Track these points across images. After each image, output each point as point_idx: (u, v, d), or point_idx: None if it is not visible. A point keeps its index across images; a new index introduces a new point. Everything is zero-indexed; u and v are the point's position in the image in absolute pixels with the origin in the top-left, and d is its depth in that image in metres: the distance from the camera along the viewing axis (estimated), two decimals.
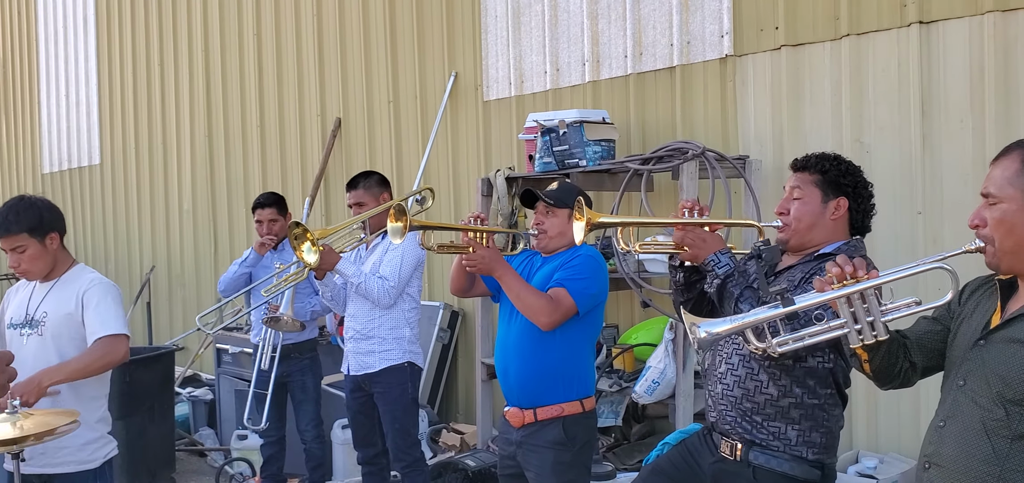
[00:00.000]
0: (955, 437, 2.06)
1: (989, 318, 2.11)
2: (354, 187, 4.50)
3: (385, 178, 4.61)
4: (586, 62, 5.85)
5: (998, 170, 2.05)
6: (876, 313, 2.03)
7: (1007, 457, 1.97)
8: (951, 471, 2.05)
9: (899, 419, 4.65)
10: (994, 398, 1.99)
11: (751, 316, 2.13)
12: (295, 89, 8.02)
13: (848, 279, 2.02)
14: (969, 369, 2.08)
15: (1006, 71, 4.22)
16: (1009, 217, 2.00)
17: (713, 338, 2.14)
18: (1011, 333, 2.01)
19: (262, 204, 5.34)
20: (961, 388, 2.08)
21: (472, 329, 6.67)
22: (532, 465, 3.43)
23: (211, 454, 6.60)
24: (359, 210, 4.41)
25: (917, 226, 4.54)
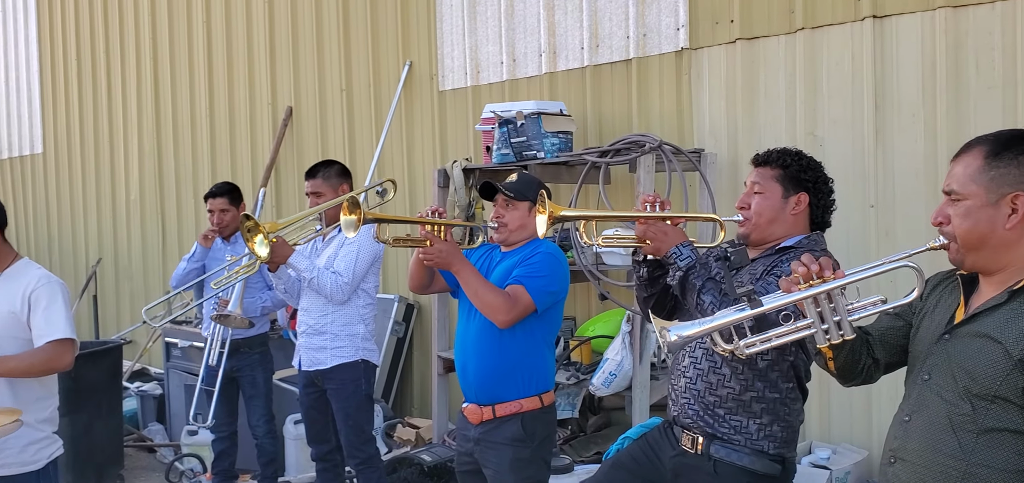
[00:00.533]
0: (921, 431, 2.06)
1: (952, 313, 2.11)
2: (313, 176, 4.41)
3: (346, 168, 4.51)
4: (543, 53, 5.82)
5: (960, 167, 2.04)
6: (843, 312, 2.02)
7: (973, 451, 1.97)
8: (917, 465, 2.05)
9: (851, 411, 4.71)
10: (960, 392, 1.99)
11: (719, 319, 2.11)
12: (245, 77, 7.87)
13: (814, 279, 2.00)
14: (934, 363, 2.08)
15: (957, 66, 4.29)
16: (973, 214, 1.99)
17: (683, 341, 2.14)
18: (977, 328, 2.01)
19: (214, 194, 5.22)
20: (926, 382, 2.08)
21: (428, 323, 6.61)
22: (490, 462, 3.39)
23: (160, 450, 6.46)
24: (316, 200, 4.32)
25: (869, 219, 4.59)
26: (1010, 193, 1.96)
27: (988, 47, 4.20)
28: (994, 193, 1.97)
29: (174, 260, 8.67)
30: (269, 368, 5.25)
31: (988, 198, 1.98)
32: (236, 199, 5.28)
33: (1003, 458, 1.94)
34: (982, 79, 4.22)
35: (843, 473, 4.45)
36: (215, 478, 5.25)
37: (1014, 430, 1.93)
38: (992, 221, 1.98)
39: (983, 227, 1.98)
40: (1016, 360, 1.91)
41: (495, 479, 3.38)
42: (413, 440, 5.92)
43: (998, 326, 1.96)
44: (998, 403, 1.94)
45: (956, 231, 2.02)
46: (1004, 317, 1.97)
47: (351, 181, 4.46)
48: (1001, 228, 1.97)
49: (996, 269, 2.02)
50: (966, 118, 4.27)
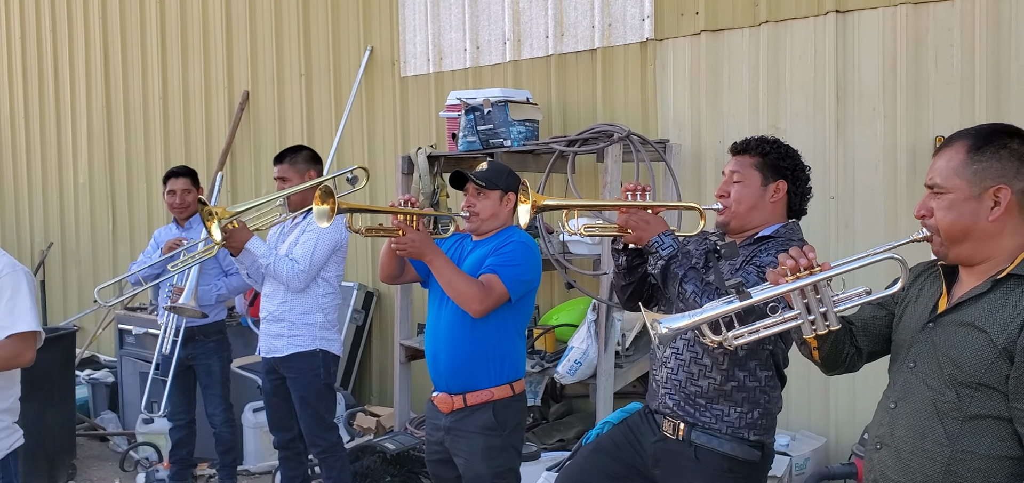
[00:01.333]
0: (907, 418, 2.09)
1: (935, 302, 2.14)
2: (280, 161, 4.35)
3: (316, 155, 4.44)
4: (507, 41, 5.80)
5: (942, 161, 2.06)
6: (829, 304, 2.03)
7: (958, 438, 2.00)
8: (903, 451, 2.09)
9: (809, 398, 4.80)
10: (945, 380, 2.02)
11: (708, 311, 2.12)
12: (200, 59, 7.72)
13: (802, 271, 2.03)
14: (919, 352, 2.11)
15: (916, 61, 4.38)
16: (956, 207, 2.02)
17: (673, 333, 2.14)
18: (961, 317, 2.04)
19: (177, 173, 5.11)
20: (912, 370, 2.11)
21: (387, 311, 6.58)
22: (462, 451, 3.38)
23: (114, 439, 6.33)
24: (283, 186, 4.27)
25: (830, 210, 4.68)
26: (992, 186, 1.99)
27: (947, 43, 4.29)
28: (977, 186, 2.00)
29: (125, 244, 8.52)
30: (225, 356, 5.14)
31: (971, 191, 2.01)
32: (196, 182, 5.19)
33: (987, 444, 1.98)
34: (941, 74, 4.32)
35: (802, 459, 4.53)
36: (173, 467, 5.16)
37: (997, 416, 1.97)
38: (975, 214, 2.01)
39: (966, 220, 2.02)
40: (1000, 348, 1.94)
41: (466, 468, 3.38)
42: (374, 428, 5.88)
43: (982, 315, 2.00)
44: (982, 390, 1.97)
45: (939, 224, 2.04)
46: (988, 306, 2.00)
47: (320, 167, 4.40)
48: (984, 220, 2.01)
49: (979, 260, 2.05)
50: (925, 112, 4.37)
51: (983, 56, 4.20)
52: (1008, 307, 1.97)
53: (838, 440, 4.74)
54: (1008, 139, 2.02)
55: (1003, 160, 2.00)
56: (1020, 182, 2.00)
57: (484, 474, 3.33)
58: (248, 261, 4.24)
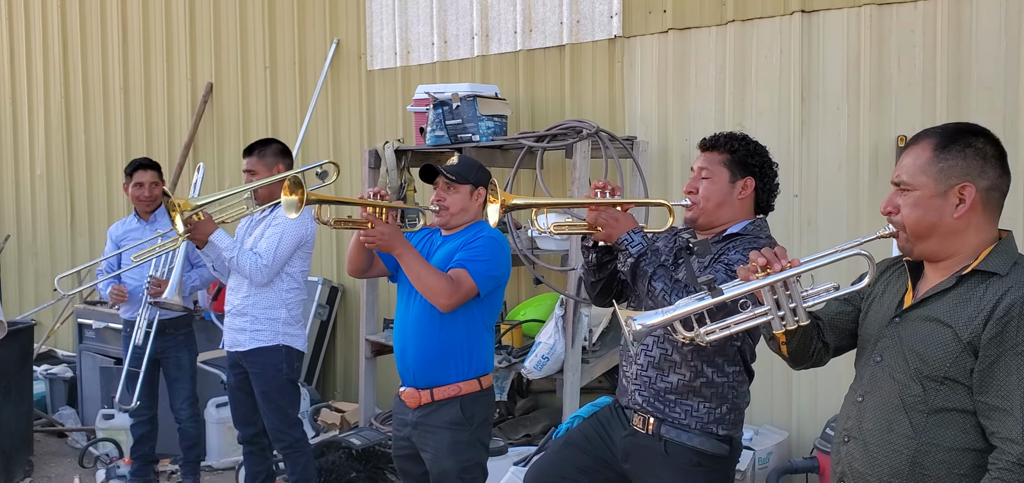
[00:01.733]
0: (874, 411, 2.12)
1: (901, 297, 2.17)
2: (249, 154, 4.30)
3: (286, 148, 4.39)
4: (475, 36, 5.79)
5: (909, 158, 2.09)
6: (798, 300, 2.07)
7: (923, 431, 2.03)
8: (870, 444, 2.12)
9: (772, 393, 4.86)
10: (911, 374, 2.06)
11: (681, 308, 2.14)
12: (163, 50, 7.60)
13: (771, 268, 2.05)
14: (885, 346, 2.14)
15: (880, 62, 4.45)
16: (922, 204, 2.05)
17: (648, 330, 2.16)
18: (927, 312, 2.07)
19: (144, 166, 5.02)
20: (879, 364, 2.14)
21: (352, 306, 6.55)
22: (429, 446, 3.37)
23: (72, 435, 6.22)
24: (251, 179, 4.22)
25: (793, 208, 4.74)
26: (957, 184, 2.02)
27: (910, 44, 4.37)
28: (942, 184, 2.03)
29: (84, 237, 8.38)
30: (194, 350, 5.10)
31: (937, 189, 2.04)
32: (161, 176, 5.12)
33: (951, 436, 2.01)
34: (904, 75, 4.39)
35: (765, 453, 4.59)
36: (135, 463, 5.09)
37: (962, 409, 2.00)
38: (940, 211, 2.04)
39: (932, 217, 2.05)
40: (965, 343, 1.98)
41: (433, 463, 3.37)
42: (339, 424, 5.85)
43: (947, 310, 2.03)
44: (947, 384, 2.01)
45: (906, 220, 2.08)
46: (953, 302, 2.03)
47: (290, 162, 4.36)
48: (949, 217, 2.04)
49: (944, 256, 2.08)
50: (887, 112, 4.44)
51: (944, 58, 4.27)
52: (973, 303, 2.00)
53: (800, 434, 4.80)
54: (973, 138, 2.06)
55: (968, 158, 2.03)
56: (984, 180, 2.03)
57: (451, 469, 3.32)
58: (213, 254, 4.19)
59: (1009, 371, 1.92)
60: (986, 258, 2.04)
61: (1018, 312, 1.93)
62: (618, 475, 2.98)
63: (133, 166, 5.03)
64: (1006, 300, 1.95)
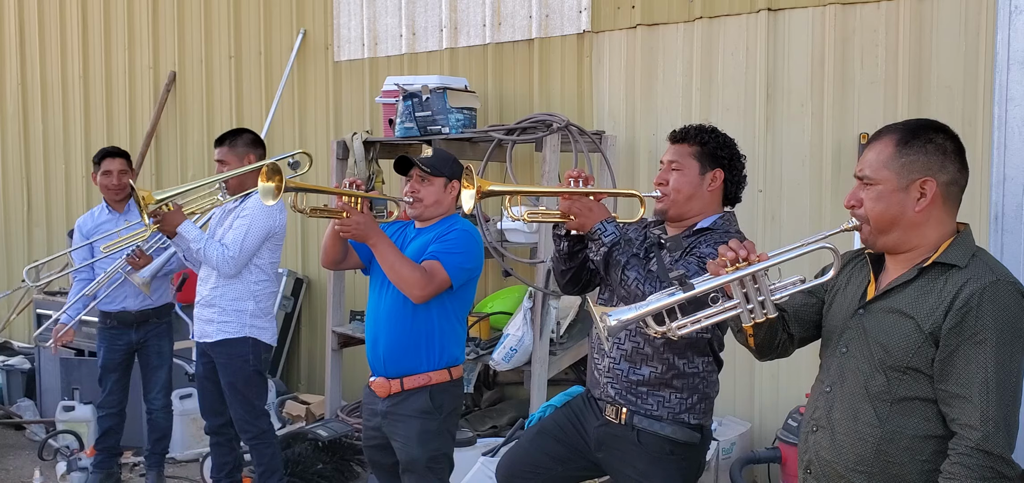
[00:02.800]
0: (841, 401, 2.19)
1: (864, 289, 2.24)
2: (221, 144, 4.27)
3: (258, 138, 4.37)
4: (444, 28, 5.80)
5: (872, 153, 2.15)
6: (766, 293, 2.11)
7: (887, 419, 2.10)
8: (837, 433, 2.18)
9: (735, 386, 4.93)
10: (876, 365, 2.12)
11: (654, 303, 2.18)
12: (124, 38, 7.49)
13: (740, 262, 2.10)
14: (850, 337, 2.20)
15: (843, 60, 4.54)
16: (884, 198, 2.11)
17: (622, 325, 2.19)
18: (889, 304, 2.13)
19: (112, 153, 4.95)
20: (844, 355, 2.20)
21: (317, 298, 6.52)
22: (398, 435, 3.38)
23: (31, 427, 6.12)
24: (221, 168, 4.20)
25: (757, 203, 4.81)
26: (919, 178, 2.09)
27: (873, 44, 4.46)
28: (904, 178, 2.10)
29: (41, 227, 8.24)
30: (173, 339, 5.07)
31: (899, 183, 2.10)
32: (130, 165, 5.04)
33: (914, 424, 2.08)
34: (866, 73, 4.49)
35: (729, 444, 4.66)
36: (99, 455, 5.02)
37: (924, 398, 2.07)
38: (902, 204, 2.10)
39: (894, 210, 2.11)
40: (927, 334, 2.05)
41: (403, 451, 3.38)
42: (304, 416, 5.83)
43: (909, 302, 2.10)
44: (910, 374, 2.07)
45: (869, 213, 2.14)
46: (914, 293, 2.10)
47: (262, 152, 4.33)
48: (911, 211, 2.10)
49: (905, 249, 2.15)
50: (850, 110, 4.53)
51: (906, 58, 4.37)
52: (933, 294, 2.06)
53: (763, 425, 4.89)
54: (934, 134, 2.12)
55: (929, 154, 2.10)
56: (945, 175, 2.10)
57: (419, 457, 3.34)
58: (182, 245, 4.17)
59: (968, 360, 1.98)
60: (946, 251, 2.09)
61: (977, 303, 1.98)
62: (591, 464, 3.03)
63: (101, 155, 4.95)
64: (965, 291, 2.00)
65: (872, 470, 2.11)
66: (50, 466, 5.42)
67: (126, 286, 4.79)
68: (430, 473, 3.34)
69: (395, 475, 3.48)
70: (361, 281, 6.01)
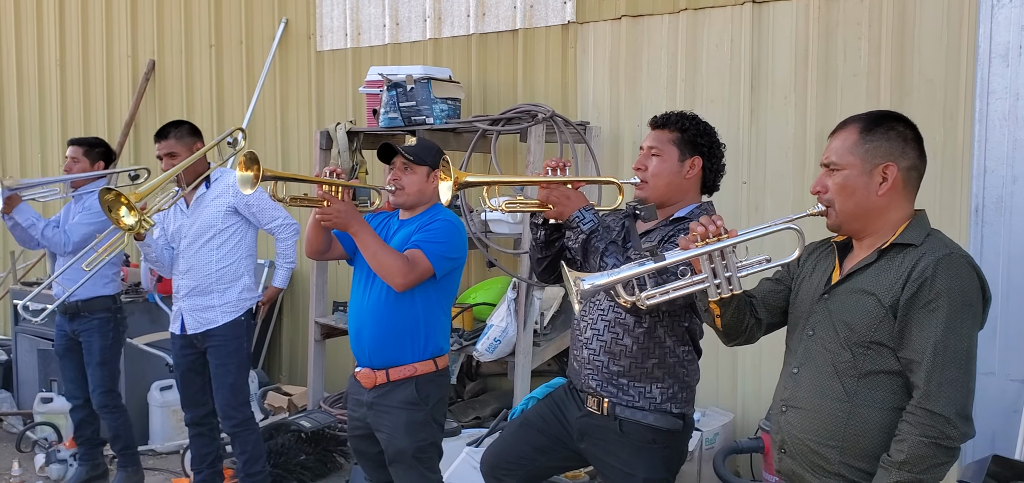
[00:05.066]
0: (809, 381, 2.28)
1: (829, 274, 2.34)
2: (164, 137, 4.23)
3: (196, 128, 4.36)
4: (427, 18, 5.77)
5: (838, 141, 2.26)
6: (733, 269, 2.20)
7: (855, 393, 2.19)
8: (808, 411, 2.27)
9: (718, 377, 4.96)
10: (841, 343, 2.21)
11: (627, 270, 2.24)
12: (102, 25, 7.41)
13: (710, 237, 2.18)
14: (817, 320, 2.30)
15: (827, 52, 4.55)
16: (850, 182, 2.22)
17: (595, 289, 2.26)
18: (852, 285, 2.24)
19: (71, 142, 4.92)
20: (811, 338, 2.30)
21: (298, 290, 6.48)
22: (384, 426, 3.37)
23: (8, 419, 6.05)
24: (171, 162, 4.15)
25: (741, 195, 4.83)
26: (881, 163, 2.21)
27: (856, 37, 4.48)
28: (868, 163, 2.21)
29: None
30: (109, 335, 4.79)
31: (863, 168, 2.21)
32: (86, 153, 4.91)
33: (881, 397, 2.18)
34: (849, 66, 4.51)
35: (712, 434, 4.68)
36: (80, 447, 4.97)
37: (889, 371, 2.17)
38: (867, 189, 2.21)
39: (859, 194, 2.22)
40: (887, 307, 2.15)
41: (389, 442, 3.37)
42: (286, 407, 5.80)
43: (871, 281, 2.20)
44: (874, 348, 2.17)
45: (834, 198, 2.24)
46: (875, 273, 2.20)
47: (202, 140, 4.32)
48: (874, 195, 2.22)
49: (869, 232, 2.25)
50: (834, 101, 4.55)
51: (888, 51, 4.39)
52: (892, 271, 2.17)
53: (745, 416, 4.91)
54: (895, 123, 2.25)
55: (891, 140, 2.22)
56: (905, 161, 2.22)
57: (406, 448, 3.33)
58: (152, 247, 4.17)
59: (921, 326, 2.10)
60: (903, 232, 2.22)
61: (931, 273, 2.10)
62: (574, 454, 3.03)
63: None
64: (920, 264, 2.13)
65: (843, 444, 2.20)
66: (29, 458, 5.36)
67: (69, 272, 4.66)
68: (418, 463, 3.33)
69: (380, 465, 3.46)
70: (344, 272, 5.99)
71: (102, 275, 4.74)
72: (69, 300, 4.71)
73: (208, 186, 4.25)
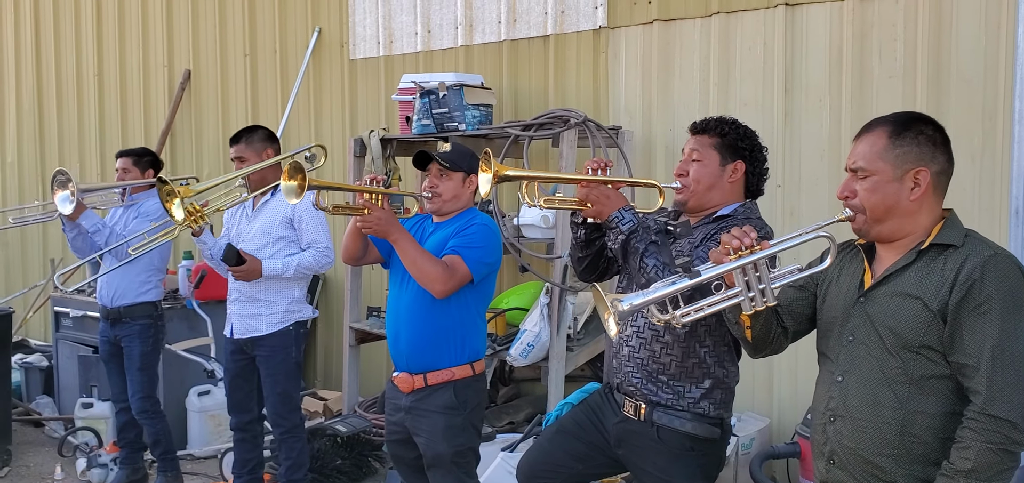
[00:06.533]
0: (857, 388, 2.23)
1: (860, 278, 2.29)
2: (236, 142, 4.30)
3: (272, 134, 4.39)
4: (459, 25, 5.80)
5: (865, 145, 2.22)
6: (767, 281, 2.17)
7: (908, 400, 2.15)
8: (858, 419, 2.22)
9: (754, 381, 4.93)
10: (887, 349, 2.17)
11: (662, 289, 2.21)
12: (139, 36, 7.53)
13: (743, 250, 2.15)
14: (856, 325, 2.25)
15: (861, 54, 4.52)
16: (880, 188, 2.18)
17: (632, 310, 2.23)
18: (892, 288, 2.19)
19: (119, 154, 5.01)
20: (851, 343, 2.25)
21: (334, 295, 6.54)
22: (422, 430, 3.39)
23: (50, 424, 6.16)
24: (240, 166, 4.22)
25: (776, 198, 4.80)
26: (913, 168, 2.17)
27: (891, 38, 4.44)
28: (899, 168, 2.18)
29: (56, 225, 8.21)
30: (149, 340, 4.87)
31: (894, 173, 2.18)
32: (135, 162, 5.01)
33: (934, 403, 2.14)
34: (884, 67, 4.47)
35: (748, 440, 4.66)
36: (123, 450, 5.05)
37: (940, 376, 2.13)
38: (897, 194, 2.18)
39: (890, 199, 2.18)
40: (935, 311, 2.11)
41: (427, 447, 3.39)
42: (322, 412, 5.85)
43: (913, 284, 2.16)
44: (923, 353, 2.13)
45: (864, 203, 2.20)
46: (916, 275, 2.17)
47: (277, 146, 4.35)
48: (905, 200, 2.18)
49: (898, 237, 2.22)
50: (869, 104, 4.52)
51: (925, 51, 4.35)
52: (936, 274, 2.14)
53: (781, 421, 4.88)
54: (924, 126, 2.21)
55: (921, 145, 2.19)
56: (936, 165, 2.19)
57: (445, 453, 3.35)
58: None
59: (974, 330, 2.06)
60: (940, 232, 2.18)
61: (979, 275, 2.07)
62: (611, 460, 3.02)
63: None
64: (967, 266, 2.09)
65: (898, 452, 2.16)
66: (70, 463, 5.45)
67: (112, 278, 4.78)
68: (456, 468, 3.35)
69: (418, 470, 3.49)
70: (378, 277, 6.04)
71: (145, 282, 4.84)
72: (111, 306, 4.81)
73: (273, 195, 4.27)
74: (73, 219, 4.54)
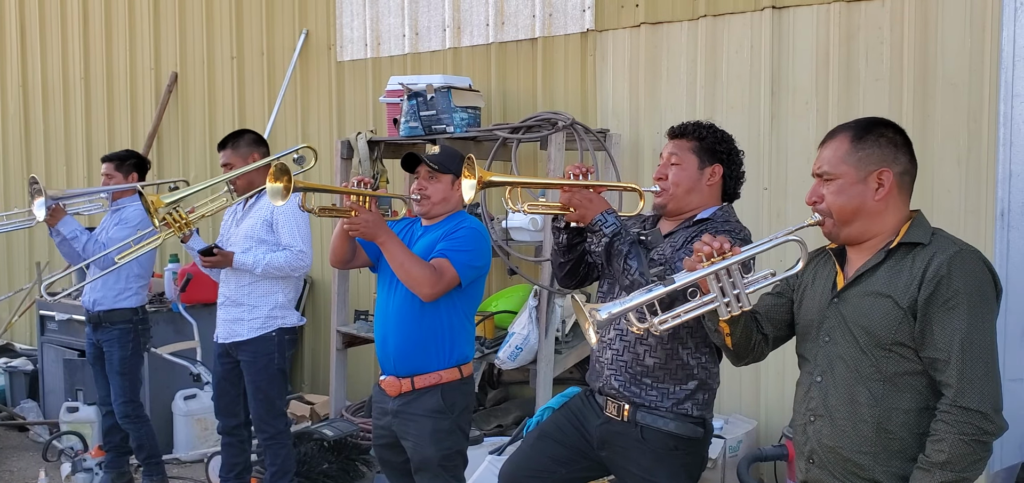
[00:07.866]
0: (835, 388, 2.27)
1: (833, 281, 2.34)
2: (223, 148, 4.28)
3: (260, 137, 4.38)
4: (447, 28, 5.80)
5: (829, 151, 2.28)
6: (741, 286, 2.22)
7: (883, 397, 2.19)
8: (836, 419, 2.26)
9: (741, 384, 4.94)
10: (861, 348, 2.21)
11: (639, 297, 2.25)
12: (125, 38, 7.50)
13: (715, 256, 2.19)
14: (831, 326, 2.29)
15: (848, 57, 4.54)
16: (845, 190, 2.24)
17: (611, 319, 2.27)
18: (864, 288, 2.24)
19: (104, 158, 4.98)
20: (828, 343, 2.29)
21: (320, 299, 6.52)
22: (410, 434, 3.38)
23: (34, 428, 6.11)
24: (227, 171, 4.20)
25: (762, 201, 4.81)
26: (876, 170, 2.23)
27: (877, 41, 4.46)
28: (862, 170, 2.23)
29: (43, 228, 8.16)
30: (128, 345, 4.85)
31: (858, 175, 2.23)
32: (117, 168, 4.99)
33: (908, 399, 2.18)
34: (871, 70, 4.49)
35: (735, 442, 4.66)
36: (109, 454, 5.02)
37: (913, 372, 2.18)
38: (862, 195, 2.23)
39: (855, 201, 2.24)
40: (905, 308, 2.16)
41: (415, 451, 3.38)
42: (309, 416, 5.83)
43: (884, 283, 2.21)
44: (896, 349, 2.18)
45: (831, 207, 2.26)
46: (886, 274, 2.21)
47: (265, 150, 4.33)
48: (870, 200, 2.23)
49: (866, 238, 2.27)
50: (855, 106, 4.53)
51: (911, 54, 4.37)
52: (905, 272, 2.19)
53: (768, 423, 4.89)
54: (885, 129, 2.28)
55: (883, 147, 2.25)
56: (898, 166, 2.25)
57: (432, 457, 3.34)
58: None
59: (943, 325, 2.11)
60: (908, 232, 2.24)
61: (946, 271, 2.12)
62: (594, 463, 3.02)
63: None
64: (934, 263, 2.14)
65: (876, 449, 2.20)
66: (54, 467, 5.42)
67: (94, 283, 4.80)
68: (444, 471, 3.34)
69: (405, 473, 3.47)
70: (365, 281, 6.02)
71: (124, 288, 4.82)
72: (92, 310, 4.82)
73: (259, 199, 4.24)
74: (51, 225, 4.56)
